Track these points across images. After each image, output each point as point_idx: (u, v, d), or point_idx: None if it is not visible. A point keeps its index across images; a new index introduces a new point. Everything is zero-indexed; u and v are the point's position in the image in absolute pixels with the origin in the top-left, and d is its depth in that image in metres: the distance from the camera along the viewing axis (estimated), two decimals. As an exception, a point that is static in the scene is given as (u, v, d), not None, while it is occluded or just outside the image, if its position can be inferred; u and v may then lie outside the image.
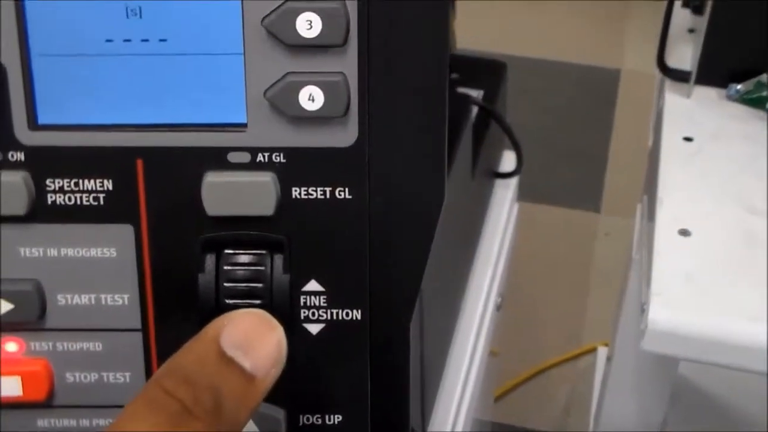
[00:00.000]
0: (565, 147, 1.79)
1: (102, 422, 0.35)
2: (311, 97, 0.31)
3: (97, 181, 0.32)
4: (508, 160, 0.92)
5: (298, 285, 0.33)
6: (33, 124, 0.32)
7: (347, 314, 0.34)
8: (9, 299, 0.33)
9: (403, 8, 0.31)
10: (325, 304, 0.34)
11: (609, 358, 1.14)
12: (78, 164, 0.32)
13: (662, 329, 0.74)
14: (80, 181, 0.32)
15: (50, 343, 0.34)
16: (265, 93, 0.31)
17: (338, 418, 0.35)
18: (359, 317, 0.34)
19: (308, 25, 0.30)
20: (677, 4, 1.03)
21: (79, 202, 0.32)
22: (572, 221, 1.69)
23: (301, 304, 0.34)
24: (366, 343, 0.34)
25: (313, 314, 0.34)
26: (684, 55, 1.04)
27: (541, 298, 1.55)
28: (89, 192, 0.32)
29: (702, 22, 0.98)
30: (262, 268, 0.33)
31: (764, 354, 0.73)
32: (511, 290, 0.95)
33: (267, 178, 0.32)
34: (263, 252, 0.33)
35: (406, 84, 0.31)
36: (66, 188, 0.32)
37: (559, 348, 1.50)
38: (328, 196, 0.33)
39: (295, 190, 0.32)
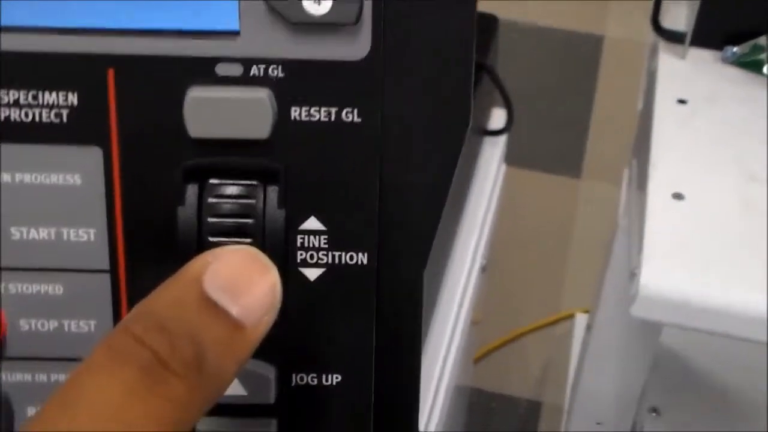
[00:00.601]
0: (546, 112, 1.76)
1: (62, 377, 0.30)
2: (317, 0, 0.27)
3: (60, 93, 0.27)
4: (496, 118, 0.89)
5: (295, 222, 0.29)
6: None
7: (351, 258, 0.29)
8: None
9: None
10: (326, 246, 0.29)
11: (589, 327, 1.12)
12: (37, 74, 0.27)
13: (653, 295, 0.72)
14: (39, 93, 0.27)
15: (2, 285, 0.29)
16: None
17: (337, 378, 0.30)
18: (365, 261, 0.29)
19: None
20: (673, -37, 1.00)
21: (37, 118, 0.27)
22: (552, 187, 1.66)
23: (298, 244, 0.29)
24: (372, 292, 0.29)
25: (312, 257, 0.29)
26: (678, 16, 1.01)
27: (520, 263, 1.52)
28: (50, 107, 0.27)
29: (699, -18, 0.95)
30: (253, 201, 0.28)
31: (760, 323, 0.71)
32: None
33: (262, 94, 0.27)
34: (255, 183, 0.28)
35: None
36: (22, 102, 0.27)
37: (536, 314, 1.48)
38: (333, 118, 0.28)
39: (295, 111, 0.28)
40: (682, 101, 0.90)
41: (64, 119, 0.27)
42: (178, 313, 0.25)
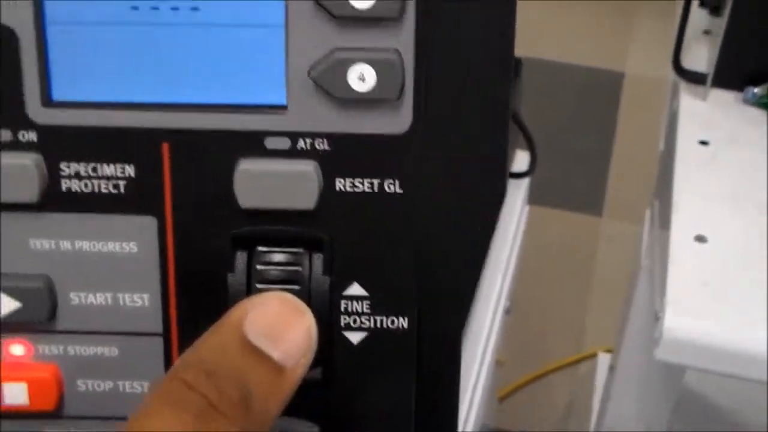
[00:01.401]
0: (567, 149, 1.76)
1: None
2: (362, 77, 0.27)
3: (118, 166, 0.29)
4: (520, 160, 0.89)
5: (339, 288, 0.30)
6: (47, 100, 0.28)
7: (392, 322, 0.30)
8: (16, 297, 0.29)
9: None
10: (369, 311, 0.30)
11: (612, 367, 1.12)
12: (97, 147, 0.28)
13: (677, 338, 0.72)
14: (99, 165, 0.29)
15: (61, 347, 0.30)
16: (309, 71, 0.28)
17: None
18: (405, 325, 0.30)
19: None
20: (693, 4, 1.00)
21: (96, 189, 0.29)
22: (574, 225, 1.66)
23: (342, 309, 0.30)
24: (412, 355, 0.30)
25: (355, 321, 0.30)
26: (698, 56, 1.02)
27: (541, 302, 1.52)
28: (108, 178, 0.29)
29: (720, 23, 0.95)
30: (300, 268, 0.29)
31: (786, 367, 0.70)
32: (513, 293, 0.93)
33: (308, 167, 0.28)
34: (301, 250, 0.29)
35: (467, 64, 0.28)
36: (83, 174, 0.29)
37: (559, 353, 1.48)
38: (376, 189, 0.29)
39: (340, 182, 0.29)
40: (703, 142, 0.91)
41: (122, 190, 0.29)
42: (223, 359, 0.26)
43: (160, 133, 0.28)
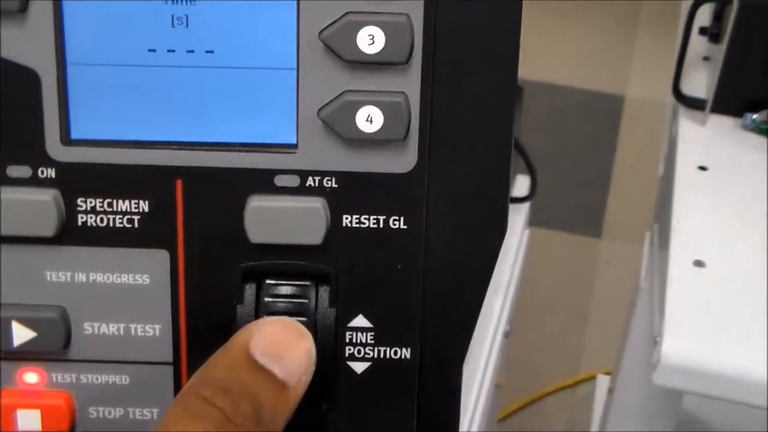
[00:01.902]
0: (566, 171, 1.77)
1: None
2: (369, 119, 0.28)
3: (133, 202, 0.30)
4: (519, 184, 0.90)
5: (345, 320, 0.31)
6: (66, 138, 0.29)
7: (395, 352, 0.31)
8: (31, 326, 0.30)
9: (471, 26, 0.28)
10: (373, 341, 0.31)
11: (611, 390, 1.12)
12: (112, 183, 0.29)
13: (676, 363, 0.73)
14: (114, 201, 0.30)
15: (74, 375, 0.31)
16: (318, 112, 0.29)
17: None
18: (408, 356, 0.31)
19: (370, 40, 0.28)
20: (693, 31, 1.01)
21: (111, 224, 0.30)
22: (573, 246, 1.67)
23: (347, 340, 0.31)
24: (413, 385, 0.31)
25: (359, 352, 0.31)
26: (698, 82, 1.03)
27: (540, 323, 1.53)
28: (123, 213, 0.30)
29: (719, 50, 0.96)
30: (306, 300, 0.30)
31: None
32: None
33: (317, 204, 0.29)
34: (308, 283, 0.30)
35: (470, 107, 0.29)
36: (98, 209, 0.30)
37: (557, 375, 1.48)
38: (381, 225, 0.30)
39: (346, 218, 0.30)
40: (702, 168, 0.91)
41: (136, 225, 0.30)
42: (235, 376, 0.29)
43: (174, 170, 0.29)
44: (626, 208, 1.71)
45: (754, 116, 0.95)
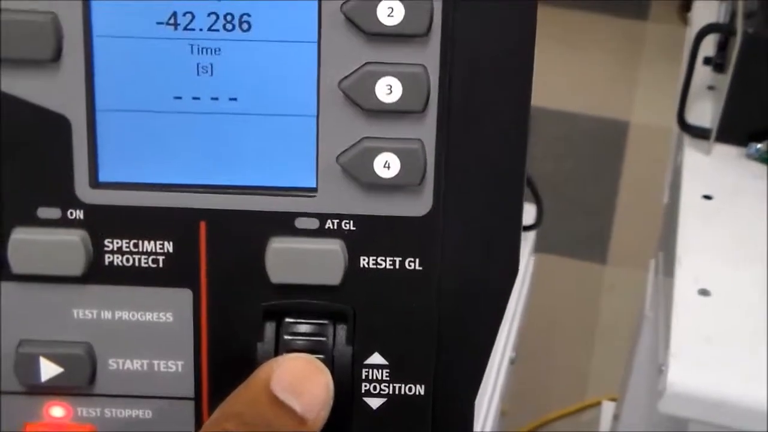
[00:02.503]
0: (572, 198, 1.78)
1: None
2: (387, 164, 0.30)
3: (158, 242, 0.31)
4: (526, 213, 0.91)
5: (361, 357, 0.32)
6: (94, 181, 0.30)
7: (410, 389, 0.32)
8: (59, 363, 0.31)
9: (485, 77, 0.30)
10: (388, 378, 0.32)
11: (616, 416, 1.13)
12: (138, 225, 0.30)
13: (681, 392, 0.73)
14: (140, 242, 0.31)
15: (98, 410, 0.32)
16: (337, 158, 0.30)
17: None
18: (422, 392, 0.32)
19: (388, 89, 0.29)
20: (698, 61, 1.02)
21: (137, 263, 0.31)
22: (578, 272, 1.67)
23: (363, 377, 0.32)
24: (427, 420, 0.32)
25: (375, 388, 0.32)
26: (703, 111, 1.03)
27: (545, 349, 1.53)
28: (148, 254, 0.31)
29: (723, 80, 0.97)
30: (324, 338, 0.31)
31: (787, 422, 0.71)
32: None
33: (335, 246, 0.30)
34: (326, 322, 0.31)
35: (484, 154, 0.30)
36: (125, 249, 0.31)
37: (563, 401, 1.48)
38: (397, 266, 0.31)
39: (364, 259, 0.31)
40: (707, 197, 0.92)
41: (160, 264, 0.31)
42: (255, 410, 0.29)
43: (198, 212, 0.30)
44: (631, 234, 1.71)
45: (759, 146, 0.95)
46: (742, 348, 0.75)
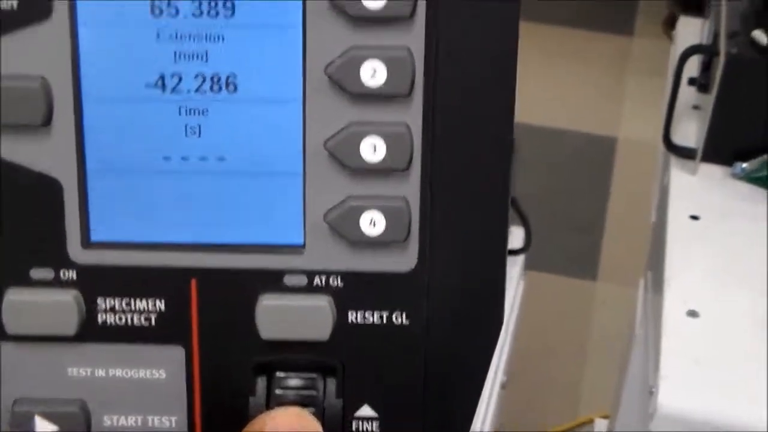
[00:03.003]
0: (561, 214, 1.79)
1: None
2: (372, 222, 0.30)
3: (150, 301, 0.31)
4: (515, 236, 0.92)
5: (351, 410, 0.32)
6: (86, 241, 0.31)
7: None
8: (54, 420, 0.32)
9: (466, 135, 0.30)
10: (378, 430, 0.33)
11: (609, 434, 1.13)
12: (130, 284, 0.31)
13: (671, 414, 0.74)
14: (132, 300, 0.31)
15: None
16: (324, 215, 0.30)
17: None
18: None
19: (372, 148, 0.30)
20: (683, 81, 1.03)
21: (129, 322, 0.31)
22: (569, 289, 1.68)
23: (354, 429, 0.33)
24: None
25: None
26: (688, 131, 1.04)
27: (537, 367, 1.53)
28: (141, 312, 0.31)
29: (708, 100, 0.98)
30: (315, 392, 0.32)
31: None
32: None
33: (324, 302, 0.31)
34: (316, 376, 0.32)
35: (466, 210, 0.31)
36: (117, 308, 0.31)
37: (555, 419, 1.49)
38: (384, 320, 0.32)
39: (352, 314, 0.31)
40: (694, 217, 0.93)
41: (153, 322, 0.31)
42: None
43: (189, 271, 0.31)
44: (621, 250, 1.72)
45: (744, 165, 0.96)
46: (730, 369, 0.76)
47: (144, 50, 0.29)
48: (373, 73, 0.29)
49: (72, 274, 0.31)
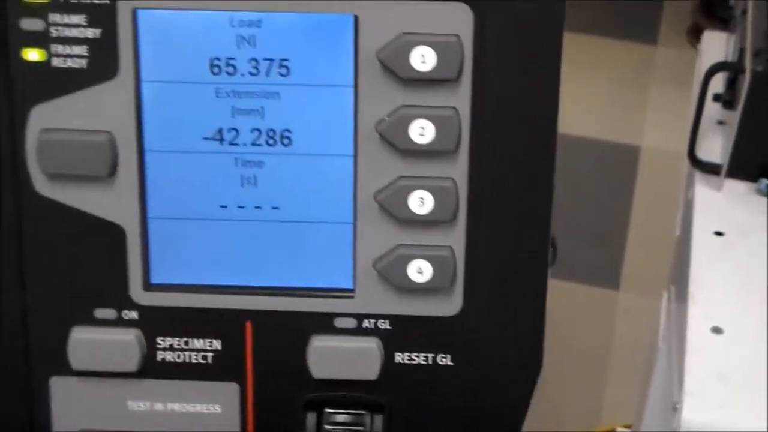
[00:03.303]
0: (583, 223, 1.79)
1: None
2: (420, 270, 0.32)
3: (207, 340, 0.33)
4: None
5: None
6: (147, 284, 0.32)
7: None
8: None
9: (507, 189, 0.32)
10: None
11: (632, 445, 1.14)
12: (189, 324, 0.33)
13: (695, 430, 0.74)
14: (190, 340, 0.33)
15: None
16: (374, 263, 0.32)
17: None
18: None
19: (420, 201, 0.31)
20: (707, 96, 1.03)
21: (187, 360, 0.33)
22: (591, 298, 1.68)
23: None
24: None
25: None
26: (713, 146, 1.04)
27: (559, 376, 1.54)
28: (198, 351, 0.33)
29: (733, 116, 0.98)
30: (362, 428, 0.33)
31: (801, 461, 0.72)
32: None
33: (372, 344, 0.33)
34: (364, 412, 0.33)
35: (509, 258, 0.32)
36: (176, 346, 0.33)
37: (577, 427, 1.49)
38: (430, 362, 0.33)
39: (399, 356, 0.33)
40: (719, 233, 0.93)
41: (209, 360, 0.33)
42: None
43: (244, 313, 0.33)
44: (644, 259, 1.72)
45: (768, 181, 0.96)
46: (755, 386, 0.76)
47: (203, 106, 0.31)
48: (422, 131, 0.30)
49: (134, 315, 0.33)
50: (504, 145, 0.31)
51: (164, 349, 0.33)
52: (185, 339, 0.33)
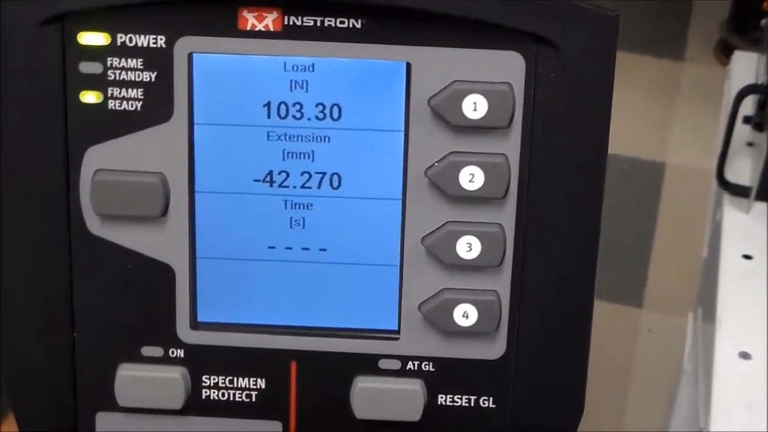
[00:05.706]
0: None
1: None
2: (465, 314, 0.32)
3: (251, 379, 0.33)
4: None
5: None
6: (194, 323, 0.33)
7: None
8: None
9: (555, 237, 0.32)
10: None
11: (654, 465, 1.13)
12: (234, 363, 0.33)
13: (723, 457, 0.74)
14: (235, 378, 0.33)
15: None
16: (419, 306, 0.32)
17: None
18: None
19: (468, 247, 0.31)
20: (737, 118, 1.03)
21: (232, 398, 0.33)
22: (613, 316, 1.68)
23: None
24: None
25: None
26: (742, 167, 1.04)
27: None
28: (243, 389, 0.33)
29: (763, 138, 0.98)
30: None
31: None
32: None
33: (416, 386, 0.33)
34: None
35: (554, 305, 0.33)
36: (221, 385, 0.33)
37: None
38: (473, 404, 0.34)
39: (441, 397, 0.33)
40: (747, 256, 0.93)
41: (253, 399, 0.34)
42: None
43: (289, 353, 0.33)
44: (668, 277, 1.71)
45: (798, 205, 0.96)
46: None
47: (255, 148, 0.31)
48: (471, 178, 0.31)
49: (180, 353, 0.33)
50: (552, 191, 0.32)
51: (209, 387, 0.33)
52: (230, 377, 0.33)
